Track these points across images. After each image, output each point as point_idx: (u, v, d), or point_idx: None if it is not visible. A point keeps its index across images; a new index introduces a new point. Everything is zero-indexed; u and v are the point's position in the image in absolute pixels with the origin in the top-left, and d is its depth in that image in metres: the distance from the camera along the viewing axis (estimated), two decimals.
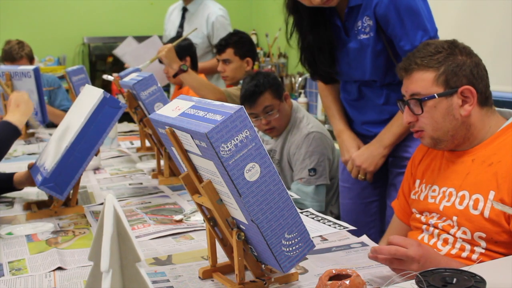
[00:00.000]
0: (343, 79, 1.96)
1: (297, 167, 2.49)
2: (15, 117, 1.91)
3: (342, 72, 1.91)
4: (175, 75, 2.89)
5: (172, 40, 3.31)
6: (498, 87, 2.96)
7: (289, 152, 2.54)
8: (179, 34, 3.92)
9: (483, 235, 1.34)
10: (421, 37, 1.69)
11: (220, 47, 3.23)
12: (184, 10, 4.00)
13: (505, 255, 1.29)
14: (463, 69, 1.42)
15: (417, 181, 1.58)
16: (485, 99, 1.45)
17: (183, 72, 2.83)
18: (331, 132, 2.70)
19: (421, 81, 1.43)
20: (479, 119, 1.44)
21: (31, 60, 3.63)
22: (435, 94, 1.42)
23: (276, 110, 2.50)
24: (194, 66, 3.49)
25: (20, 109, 1.95)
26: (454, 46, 1.45)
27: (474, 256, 1.35)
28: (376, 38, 1.75)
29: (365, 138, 1.97)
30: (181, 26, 4.00)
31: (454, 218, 1.40)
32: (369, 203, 2.04)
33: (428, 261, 1.22)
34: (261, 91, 2.50)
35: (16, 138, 1.90)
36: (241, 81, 3.11)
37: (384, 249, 1.21)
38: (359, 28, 1.77)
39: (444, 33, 1.75)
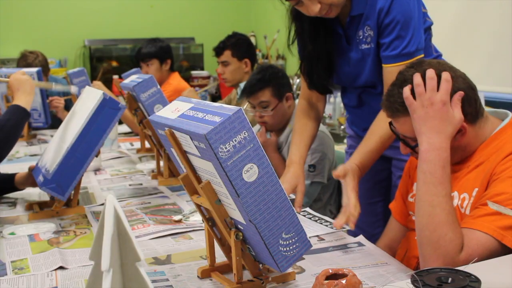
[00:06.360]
0: (343, 86, 1.96)
1: None
2: (21, 99, 2.00)
3: (341, 80, 1.90)
4: None
5: None
6: (498, 87, 2.95)
7: None
8: None
9: None
10: (401, 49, 1.66)
11: (218, 49, 3.28)
12: None
13: None
14: None
15: (415, 184, 1.59)
16: (476, 114, 1.40)
17: None
18: (331, 133, 2.72)
19: (409, 125, 1.39)
20: (472, 136, 1.40)
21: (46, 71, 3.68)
22: None
23: (271, 109, 2.54)
24: (172, 67, 3.67)
25: (22, 90, 2.03)
26: None
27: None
28: (376, 48, 1.73)
29: None
30: None
31: None
32: (374, 203, 2.05)
33: None
34: (262, 86, 2.54)
35: (26, 119, 2.00)
36: (241, 85, 3.16)
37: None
38: (360, 37, 1.75)
39: (444, 34, 1.74)
